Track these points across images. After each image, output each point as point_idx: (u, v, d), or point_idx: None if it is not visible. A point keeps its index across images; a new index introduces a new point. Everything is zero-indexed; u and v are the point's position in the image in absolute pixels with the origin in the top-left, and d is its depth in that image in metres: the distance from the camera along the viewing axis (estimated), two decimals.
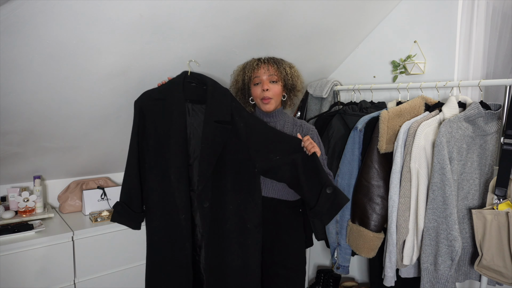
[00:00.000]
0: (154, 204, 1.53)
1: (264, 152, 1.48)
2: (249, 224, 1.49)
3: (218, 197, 1.47)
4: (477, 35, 1.81)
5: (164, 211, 1.50)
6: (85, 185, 2.12)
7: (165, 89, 1.55)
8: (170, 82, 1.57)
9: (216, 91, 1.52)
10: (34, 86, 1.44)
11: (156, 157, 1.51)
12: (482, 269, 1.48)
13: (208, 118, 1.46)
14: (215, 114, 1.47)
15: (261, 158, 1.47)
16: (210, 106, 1.48)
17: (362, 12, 1.94)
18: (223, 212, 1.47)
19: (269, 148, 1.48)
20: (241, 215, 1.48)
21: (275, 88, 1.57)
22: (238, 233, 1.48)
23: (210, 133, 1.45)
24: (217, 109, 1.48)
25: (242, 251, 1.48)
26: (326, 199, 1.42)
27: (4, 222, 1.77)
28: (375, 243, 1.65)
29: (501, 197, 1.46)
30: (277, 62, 1.60)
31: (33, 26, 1.20)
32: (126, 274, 1.90)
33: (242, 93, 1.65)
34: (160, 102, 1.51)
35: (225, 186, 1.48)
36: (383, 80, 2.13)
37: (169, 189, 1.47)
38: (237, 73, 1.67)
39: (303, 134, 1.58)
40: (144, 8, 1.33)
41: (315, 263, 2.64)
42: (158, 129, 1.50)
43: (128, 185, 1.58)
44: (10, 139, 1.65)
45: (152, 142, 1.52)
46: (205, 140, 1.45)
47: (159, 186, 1.50)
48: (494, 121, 1.58)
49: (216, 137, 1.45)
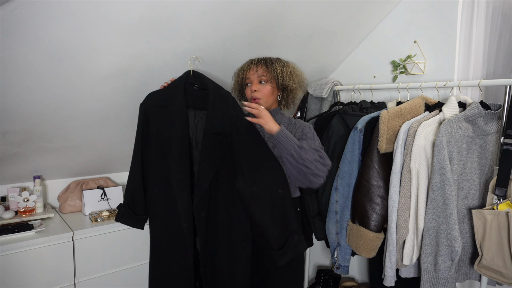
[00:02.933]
0: (157, 210, 1.53)
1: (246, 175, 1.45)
2: (237, 236, 1.48)
3: (214, 207, 1.47)
4: (477, 35, 1.80)
5: (166, 218, 1.50)
6: (85, 185, 2.12)
7: (167, 94, 1.53)
8: (172, 86, 1.54)
9: (217, 98, 1.49)
10: (34, 86, 1.44)
11: (159, 164, 1.50)
12: (482, 269, 1.48)
13: (208, 129, 1.44)
14: (215, 125, 1.44)
15: (241, 181, 1.45)
16: (211, 116, 1.45)
17: (362, 12, 1.94)
18: (216, 222, 1.47)
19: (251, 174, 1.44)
20: (231, 226, 1.47)
21: (264, 89, 1.56)
22: (227, 243, 1.48)
23: (209, 145, 1.43)
24: (218, 119, 1.45)
25: (231, 261, 1.48)
26: (292, 244, 1.43)
27: (4, 222, 1.77)
28: (375, 243, 1.65)
29: (501, 197, 1.46)
30: (267, 62, 1.58)
31: (33, 26, 1.20)
32: (126, 274, 1.90)
33: (240, 93, 1.67)
34: (163, 109, 1.50)
35: (218, 197, 1.47)
36: (383, 80, 2.13)
37: (172, 198, 1.46)
38: (235, 75, 1.68)
39: (295, 129, 1.55)
40: (144, 8, 1.33)
41: (315, 263, 2.64)
42: (161, 137, 1.49)
43: (132, 188, 1.58)
44: (10, 139, 1.65)
45: (154, 148, 1.52)
46: (204, 152, 1.44)
47: (162, 193, 1.50)
48: (494, 121, 1.58)
49: (215, 150, 1.44)
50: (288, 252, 1.43)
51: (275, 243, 1.43)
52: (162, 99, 1.53)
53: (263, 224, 1.44)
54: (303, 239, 1.46)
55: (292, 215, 1.45)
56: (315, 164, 1.37)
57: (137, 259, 1.92)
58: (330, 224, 1.80)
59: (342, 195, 1.74)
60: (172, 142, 1.45)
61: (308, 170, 1.36)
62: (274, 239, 1.43)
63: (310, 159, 1.36)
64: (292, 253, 1.43)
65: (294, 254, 1.44)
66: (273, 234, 1.43)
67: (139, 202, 1.57)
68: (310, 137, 1.51)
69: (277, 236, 1.43)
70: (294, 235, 1.43)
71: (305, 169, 1.36)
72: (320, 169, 1.38)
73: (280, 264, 1.43)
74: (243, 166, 1.45)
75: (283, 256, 1.43)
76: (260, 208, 1.43)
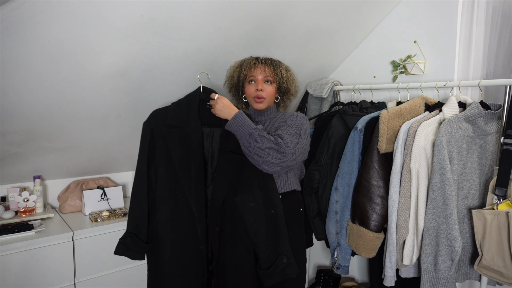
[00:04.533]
0: (164, 235, 1.46)
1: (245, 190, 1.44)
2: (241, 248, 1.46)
3: (224, 222, 1.46)
4: (477, 35, 1.80)
5: (176, 242, 1.45)
6: (85, 185, 2.12)
7: (180, 114, 1.47)
8: (186, 105, 1.49)
9: None
10: (34, 86, 1.44)
11: (171, 187, 1.45)
12: (482, 269, 1.48)
13: (223, 147, 1.44)
14: (230, 143, 1.43)
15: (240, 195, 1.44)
16: (225, 134, 1.45)
17: (362, 12, 1.94)
18: (225, 234, 1.46)
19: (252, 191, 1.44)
20: (235, 239, 1.46)
21: (269, 89, 1.57)
22: (234, 254, 1.47)
23: (224, 162, 1.43)
24: (232, 137, 1.43)
25: (237, 271, 1.47)
26: (280, 267, 1.41)
27: (4, 222, 1.77)
28: (375, 243, 1.65)
29: (501, 197, 1.46)
30: (274, 63, 1.60)
31: (33, 26, 1.20)
32: (126, 274, 1.90)
33: (236, 89, 1.65)
34: (177, 130, 1.44)
35: (226, 211, 1.46)
36: (383, 80, 2.13)
37: (184, 221, 1.43)
38: (233, 69, 1.66)
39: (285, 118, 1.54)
40: (144, 8, 1.33)
41: (315, 263, 2.64)
42: (174, 159, 1.43)
43: (136, 214, 1.48)
44: (10, 139, 1.65)
45: (162, 170, 1.45)
46: (219, 170, 1.44)
47: (171, 217, 1.45)
48: (494, 121, 1.58)
49: (230, 167, 1.43)
50: (276, 273, 1.40)
51: (264, 263, 1.42)
52: (175, 118, 1.47)
53: (257, 241, 1.43)
54: (294, 262, 1.43)
55: (284, 237, 1.44)
56: (268, 151, 1.35)
57: None
58: (330, 224, 1.80)
59: (342, 195, 1.74)
60: (190, 164, 1.41)
61: (260, 158, 1.35)
62: (263, 258, 1.43)
63: (262, 147, 1.34)
64: (280, 276, 1.41)
65: (282, 277, 1.41)
66: (264, 252, 1.42)
67: (144, 228, 1.48)
68: (289, 123, 1.48)
69: (267, 255, 1.42)
70: (283, 257, 1.41)
71: (256, 157, 1.36)
72: (274, 156, 1.35)
73: (267, 285, 1.42)
74: (244, 182, 1.45)
75: (271, 277, 1.41)
76: (256, 224, 1.43)
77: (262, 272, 1.43)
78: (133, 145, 2.13)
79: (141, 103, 1.81)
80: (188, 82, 1.77)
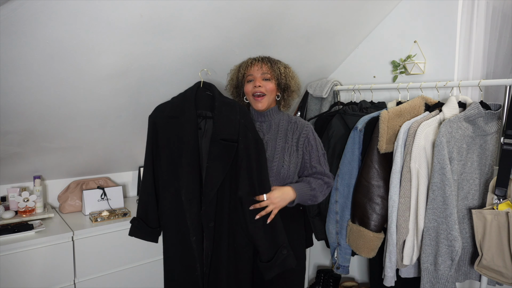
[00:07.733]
0: (169, 223, 1.51)
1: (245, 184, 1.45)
2: (241, 240, 1.48)
3: (220, 215, 1.46)
4: (477, 35, 1.80)
5: (177, 230, 1.49)
6: (85, 185, 2.12)
7: (178, 105, 1.51)
8: (182, 97, 1.53)
9: (223, 104, 1.49)
10: (34, 86, 1.44)
11: (169, 176, 1.49)
12: (482, 269, 1.48)
13: (215, 136, 1.44)
14: (222, 131, 1.44)
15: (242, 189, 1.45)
16: (218, 123, 1.46)
17: (362, 12, 1.94)
18: (222, 230, 1.47)
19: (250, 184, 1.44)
20: (234, 232, 1.47)
21: (268, 85, 1.57)
22: (231, 248, 1.48)
23: (216, 151, 1.43)
24: (224, 125, 1.45)
25: (233, 268, 1.48)
26: (280, 259, 1.44)
27: (4, 222, 1.77)
28: (375, 243, 1.65)
29: (501, 197, 1.46)
30: (271, 61, 1.59)
31: (33, 26, 1.20)
32: (126, 274, 1.90)
33: (237, 90, 1.65)
34: (173, 120, 1.48)
35: (224, 204, 1.47)
36: (383, 80, 2.13)
37: (181, 210, 1.45)
38: (233, 72, 1.67)
39: (297, 130, 1.57)
40: (144, 8, 1.33)
41: (315, 263, 2.64)
42: (171, 149, 1.47)
43: (144, 201, 1.56)
44: (10, 139, 1.65)
45: (164, 160, 1.50)
46: (211, 158, 1.44)
47: (172, 206, 1.48)
48: (494, 121, 1.58)
49: (223, 156, 1.43)
50: (276, 266, 1.43)
51: (264, 255, 1.44)
52: (172, 110, 1.51)
53: (256, 234, 1.44)
54: (292, 254, 1.46)
55: (280, 228, 1.46)
56: (323, 193, 1.55)
57: (137, 259, 1.92)
58: (330, 224, 1.80)
59: (342, 195, 1.74)
60: (183, 152, 1.44)
61: (317, 200, 1.53)
62: (263, 251, 1.44)
63: (319, 195, 1.53)
64: (280, 267, 1.44)
65: (282, 269, 1.44)
66: (264, 245, 1.44)
67: (153, 215, 1.55)
68: (313, 145, 1.57)
69: (267, 248, 1.44)
70: (283, 249, 1.44)
71: (314, 201, 1.53)
72: (325, 193, 1.56)
73: (267, 278, 1.44)
74: (245, 174, 1.45)
75: (271, 269, 1.43)
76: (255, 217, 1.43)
77: (263, 264, 1.44)
78: (133, 145, 2.13)
79: (141, 103, 1.81)
80: (188, 82, 1.76)
